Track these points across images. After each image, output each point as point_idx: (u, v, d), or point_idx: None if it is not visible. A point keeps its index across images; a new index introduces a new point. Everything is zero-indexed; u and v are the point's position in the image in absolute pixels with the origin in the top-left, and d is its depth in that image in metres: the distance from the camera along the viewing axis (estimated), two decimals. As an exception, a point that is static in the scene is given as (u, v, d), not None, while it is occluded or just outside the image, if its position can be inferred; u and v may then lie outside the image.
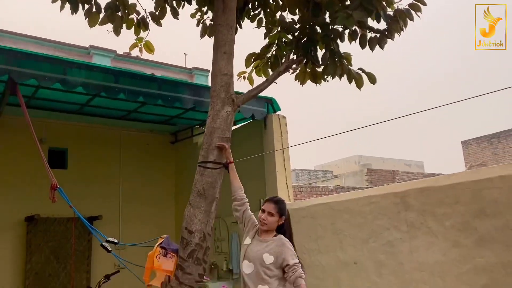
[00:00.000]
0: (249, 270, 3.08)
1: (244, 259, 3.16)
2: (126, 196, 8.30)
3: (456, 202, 4.18)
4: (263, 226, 3.21)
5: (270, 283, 2.99)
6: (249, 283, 3.05)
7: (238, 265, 6.99)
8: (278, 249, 3.06)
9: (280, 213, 3.21)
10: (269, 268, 3.02)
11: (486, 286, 3.90)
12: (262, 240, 3.19)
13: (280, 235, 3.18)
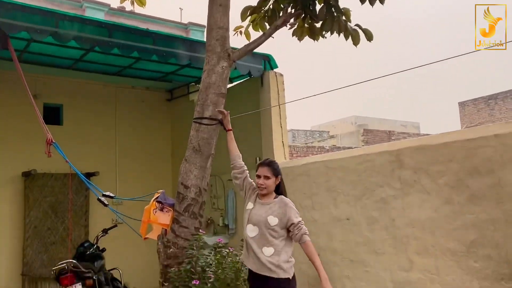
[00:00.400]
0: (253, 233, 3.11)
1: (248, 223, 3.20)
2: (122, 153, 8.32)
3: (450, 160, 4.22)
4: (263, 191, 3.23)
5: (276, 244, 3.05)
6: (253, 245, 3.09)
7: (233, 221, 7.14)
8: (281, 210, 3.11)
9: (275, 174, 3.25)
10: (274, 229, 3.06)
11: (474, 241, 4.00)
12: (264, 203, 3.22)
13: (281, 196, 3.23)
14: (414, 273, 4.48)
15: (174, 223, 3.73)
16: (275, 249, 3.02)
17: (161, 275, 3.68)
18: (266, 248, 3.03)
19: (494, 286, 3.84)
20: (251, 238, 3.12)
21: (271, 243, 3.04)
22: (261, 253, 3.03)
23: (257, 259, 3.06)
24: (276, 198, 3.23)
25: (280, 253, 3.03)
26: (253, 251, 3.08)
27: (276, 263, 2.98)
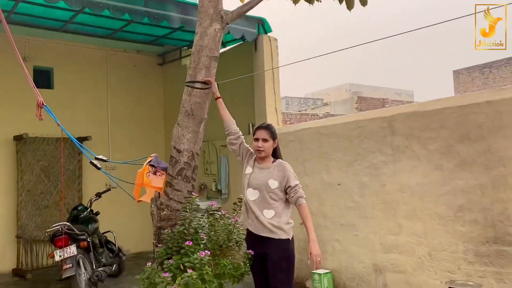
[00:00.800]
0: (254, 197, 3.18)
1: (248, 187, 3.25)
2: (115, 118, 8.27)
3: (442, 127, 4.25)
4: (261, 153, 3.26)
5: (276, 206, 3.12)
6: (254, 208, 3.16)
7: (226, 186, 7.21)
8: (280, 173, 3.16)
9: (273, 137, 3.28)
10: (275, 192, 3.13)
11: (462, 206, 4.08)
12: (263, 168, 3.27)
13: (279, 160, 3.28)
14: (402, 237, 4.59)
15: (167, 186, 3.74)
16: (276, 212, 3.10)
17: (155, 237, 3.73)
18: (266, 210, 3.10)
19: (479, 249, 3.95)
20: (252, 202, 3.18)
21: (271, 206, 3.11)
22: (262, 216, 3.10)
23: (258, 221, 3.13)
24: (274, 162, 3.27)
25: (281, 215, 3.11)
26: (253, 214, 3.15)
27: (277, 225, 3.06)
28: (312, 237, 3.01)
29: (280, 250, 3.04)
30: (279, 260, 3.03)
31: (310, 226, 3.04)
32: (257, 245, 3.16)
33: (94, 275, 4.94)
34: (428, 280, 4.34)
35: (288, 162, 3.39)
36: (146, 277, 3.48)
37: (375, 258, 4.87)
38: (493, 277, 3.84)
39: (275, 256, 3.04)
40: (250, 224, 3.21)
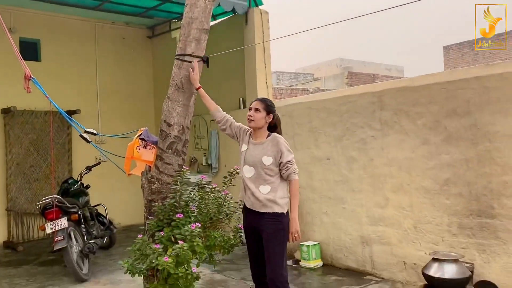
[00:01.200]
0: (250, 173, 3.18)
1: (244, 164, 3.24)
2: (104, 91, 8.19)
3: (430, 102, 4.29)
4: (250, 123, 3.24)
5: (272, 181, 3.13)
6: (250, 185, 3.17)
7: (216, 160, 7.24)
8: (274, 148, 3.15)
9: (267, 110, 3.23)
10: (270, 168, 3.13)
11: (448, 180, 4.18)
12: (258, 143, 3.25)
13: (274, 134, 3.24)
14: (389, 210, 4.70)
15: (157, 160, 3.75)
16: (272, 187, 3.12)
17: (146, 209, 3.77)
18: (262, 186, 3.12)
19: (463, 221, 4.07)
20: (248, 179, 3.19)
21: (267, 182, 3.12)
22: (258, 192, 3.12)
23: (254, 197, 3.16)
24: (269, 137, 3.26)
25: (277, 190, 3.13)
26: (250, 190, 3.17)
27: (272, 199, 3.09)
28: (293, 215, 3.07)
29: (275, 223, 3.08)
30: (274, 232, 3.07)
31: (294, 204, 3.09)
32: (253, 220, 3.20)
33: (86, 247, 5.00)
34: (413, 251, 4.48)
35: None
36: (137, 249, 3.54)
37: (362, 230, 4.99)
38: (475, 248, 3.97)
39: (270, 229, 3.08)
40: (247, 200, 3.25)
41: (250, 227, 3.27)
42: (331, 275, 4.96)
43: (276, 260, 3.04)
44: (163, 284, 3.52)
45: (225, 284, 4.74)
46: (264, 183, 3.12)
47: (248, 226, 3.29)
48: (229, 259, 5.81)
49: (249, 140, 3.33)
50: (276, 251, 3.05)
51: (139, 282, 4.67)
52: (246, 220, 3.30)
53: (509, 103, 3.71)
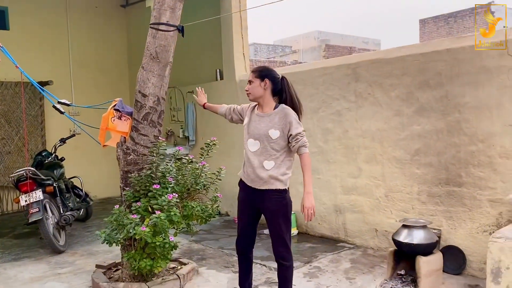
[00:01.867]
0: (255, 147, 2.99)
1: (249, 137, 3.04)
2: (77, 62, 7.98)
3: (404, 74, 4.37)
4: (249, 96, 3.08)
5: (277, 157, 2.95)
6: (254, 160, 2.98)
7: (193, 132, 7.23)
8: (282, 121, 2.95)
9: (260, 76, 3.02)
10: (276, 142, 2.95)
11: (418, 150, 4.31)
12: (263, 115, 3.03)
13: (282, 105, 3.03)
14: (362, 180, 4.83)
15: (133, 131, 3.74)
16: (276, 162, 2.96)
17: (122, 181, 3.77)
18: (267, 162, 2.95)
19: (432, 190, 4.23)
20: (253, 153, 2.99)
21: (272, 157, 2.96)
22: (262, 168, 2.96)
23: (255, 175, 2.99)
24: (276, 108, 3.01)
25: (280, 166, 2.97)
26: (252, 166, 2.99)
27: (274, 175, 2.95)
28: (308, 189, 2.94)
29: (278, 200, 2.98)
30: (278, 209, 2.99)
31: (308, 178, 2.95)
32: (252, 196, 3.06)
33: (62, 218, 4.99)
34: (384, 219, 4.64)
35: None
36: (114, 219, 3.57)
37: (335, 200, 5.13)
38: (443, 215, 4.15)
39: (273, 206, 2.98)
40: (246, 178, 3.07)
41: (247, 202, 3.13)
42: (306, 242, 5.11)
43: (283, 236, 3.00)
44: (141, 253, 3.58)
45: (202, 253, 4.82)
46: (269, 158, 2.95)
47: (244, 201, 3.15)
48: (207, 229, 5.91)
49: (251, 113, 3.12)
50: (283, 227, 2.98)
51: (117, 252, 4.72)
52: (243, 195, 3.14)
53: (479, 75, 3.81)
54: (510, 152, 3.68)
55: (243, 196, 3.16)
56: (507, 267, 2.96)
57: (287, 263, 3.05)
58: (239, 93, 6.31)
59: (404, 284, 3.66)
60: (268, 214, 3.04)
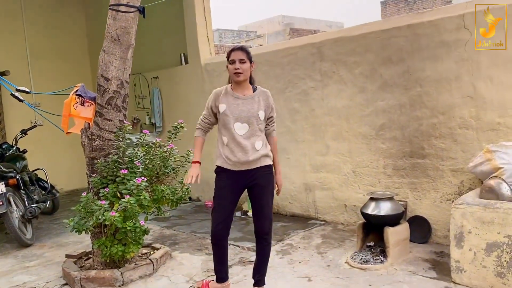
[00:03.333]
0: (243, 131, 2.92)
1: (235, 121, 2.92)
2: (34, 50, 7.68)
3: (366, 51, 4.44)
4: (240, 76, 2.89)
5: (262, 136, 3.02)
6: (245, 143, 2.91)
7: (160, 118, 7.13)
8: (266, 102, 2.98)
9: (249, 59, 2.96)
10: (263, 123, 3.00)
11: (383, 125, 4.41)
12: (246, 98, 2.96)
13: (259, 87, 3.04)
14: (330, 157, 4.91)
15: (97, 117, 3.65)
16: (263, 141, 3.00)
17: (88, 167, 3.68)
18: (257, 142, 2.95)
19: (397, 163, 4.35)
20: (242, 136, 2.91)
21: (259, 137, 2.98)
22: (254, 149, 2.93)
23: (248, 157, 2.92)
24: (256, 90, 3.00)
25: (266, 143, 3.04)
26: (245, 149, 2.92)
27: (265, 153, 2.99)
28: (279, 168, 3.13)
29: (268, 175, 3.03)
30: (268, 185, 3.02)
31: (277, 158, 3.14)
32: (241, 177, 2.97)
33: (27, 211, 4.84)
34: (352, 194, 4.75)
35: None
36: (82, 207, 3.50)
37: (305, 178, 5.20)
38: (408, 187, 4.29)
39: (265, 181, 3.00)
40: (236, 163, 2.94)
41: (232, 188, 3.01)
42: (277, 221, 5.17)
43: (270, 214, 3.06)
44: (112, 240, 3.53)
45: (175, 238, 4.81)
46: (258, 139, 2.96)
47: (228, 186, 3.01)
48: (178, 215, 5.89)
49: (226, 98, 2.98)
50: (270, 204, 3.05)
51: (87, 242, 4.64)
52: (228, 181, 3.01)
53: (438, 49, 3.92)
54: (469, 122, 3.82)
55: (227, 183, 3.00)
56: (469, 231, 3.10)
57: (269, 237, 3.11)
58: (205, 77, 6.25)
59: (373, 255, 3.77)
60: (258, 190, 3.00)
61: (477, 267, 3.07)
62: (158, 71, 7.10)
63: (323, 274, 3.53)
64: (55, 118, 4.25)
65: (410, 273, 3.44)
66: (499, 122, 3.65)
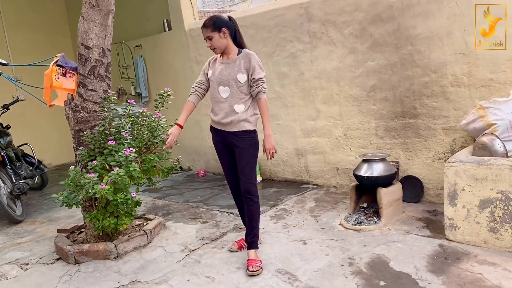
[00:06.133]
0: (226, 94, 3.05)
1: (218, 85, 3.06)
2: (11, 22, 7.35)
3: (356, 10, 4.30)
4: (215, 51, 3.07)
5: (246, 100, 3.05)
6: (225, 106, 3.05)
7: (146, 88, 6.97)
8: (247, 65, 3.01)
9: (216, 28, 2.99)
10: (244, 86, 3.02)
11: (374, 86, 4.34)
12: (229, 62, 3.06)
13: (245, 50, 3.08)
14: (321, 121, 4.86)
15: (80, 87, 3.52)
16: (245, 105, 3.05)
17: (74, 140, 3.58)
18: (237, 105, 3.03)
19: (388, 124, 4.31)
20: (224, 99, 3.06)
21: (242, 100, 3.04)
22: (233, 111, 3.03)
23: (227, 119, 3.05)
24: (240, 54, 3.05)
25: (249, 108, 3.08)
26: (224, 111, 3.06)
27: (244, 118, 3.04)
28: (267, 132, 3.04)
29: (247, 139, 3.08)
30: (246, 147, 3.08)
31: (266, 121, 3.05)
32: (225, 137, 3.15)
33: (15, 187, 4.74)
34: (344, 157, 4.73)
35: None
36: (71, 181, 3.42)
37: (296, 143, 5.15)
38: (400, 147, 4.27)
39: (242, 145, 3.07)
40: (217, 123, 3.13)
41: (222, 143, 3.21)
42: (270, 187, 5.16)
43: (249, 173, 3.10)
44: (103, 212, 3.49)
45: (168, 208, 4.78)
46: (239, 102, 3.03)
47: (219, 142, 3.23)
48: (170, 185, 5.85)
49: (214, 64, 3.15)
50: (249, 164, 3.10)
51: (79, 216, 4.60)
52: (217, 138, 3.23)
53: (429, 5, 3.81)
54: (460, 80, 3.77)
55: (217, 139, 3.24)
56: (462, 188, 3.10)
57: (253, 197, 3.13)
58: (189, 43, 6.07)
59: (367, 216, 3.78)
60: (237, 151, 3.13)
61: (471, 224, 3.09)
62: (141, 39, 6.88)
63: (317, 236, 3.54)
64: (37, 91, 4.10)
65: (404, 232, 3.46)
66: (491, 78, 3.60)
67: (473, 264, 2.82)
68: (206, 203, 4.82)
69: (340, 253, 3.19)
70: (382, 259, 3.02)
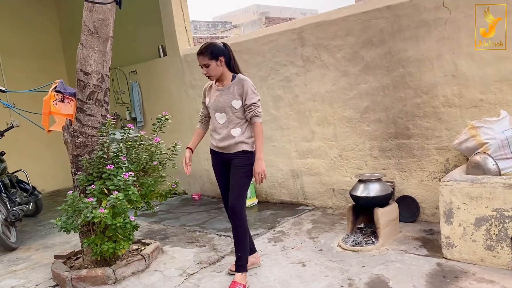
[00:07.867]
0: (223, 120, 3.13)
1: (215, 112, 3.15)
2: (5, 50, 7.42)
3: (347, 34, 4.43)
4: (211, 78, 3.15)
5: (242, 124, 3.11)
6: (222, 131, 3.13)
7: (141, 113, 7.02)
8: (240, 90, 3.07)
9: (213, 57, 3.05)
10: (240, 111, 3.09)
11: (367, 107, 4.43)
12: (224, 88, 3.13)
13: (239, 76, 3.14)
14: (316, 142, 4.92)
15: (78, 112, 3.55)
16: (241, 129, 3.11)
17: (72, 165, 3.59)
18: (234, 130, 3.10)
19: (382, 144, 4.38)
20: (221, 125, 3.14)
21: (238, 124, 3.11)
22: (230, 136, 3.11)
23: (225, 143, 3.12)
24: (234, 80, 3.12)
25: (246, 130, 3.13)
26: (222, 136, 3.13)
27: (241, 140, 3.10)
28: (258, 155, 3.08)
29: (244, 158, 3.12)
30: (242, 166, 3.12)
31: (259, 145, 3.09)
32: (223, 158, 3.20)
33: (11, 214, 4.70)
34: (340, 178, 4.77)
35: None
36: (69, 206, 3.41)
37: (292, 165, 5.20)
38: (394, 167, 4.33)
39: (238, 163, 3.12)
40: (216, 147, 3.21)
41: (220, 165, 3.28)
42: (267, 210, 5.17)
43: (239, 190, 3.12)
44: (101, 237, 3.47)
45: (164, 233, 4.76)
46: (236, 126, 3.11)
47: (218, 165, 3.30)
48: (165, 209, 5.83)
49: (210, 91, 3.25)
50: (240, 182, 3.12)
51: (75, 242, 4.56)
52: (215, 159, 3.30)
53: (419, 29, 3.94)
54: (452, 100, 3.86)
55: (216, 161, 3.31)
56: (457, 207, 3.15)
57: (236, 218, 3.11)
58: (184, 68, 6.16)
59: (364, 237, 3.80)
60: (232, 169, 3.16)
61: (467, 242, 3.12)
62: (136, 65, 6.96)
63: (316, 258, 3.54)
64: (33, 117, 4.13)
65: (402, 252, 3.48)
66: (481, 98, 3.70)
67: (472, 282, 2.84)
68: (202, 226, 4.81)
69: (339, 274, 3.19)
70: (381, 279, 3.04)
